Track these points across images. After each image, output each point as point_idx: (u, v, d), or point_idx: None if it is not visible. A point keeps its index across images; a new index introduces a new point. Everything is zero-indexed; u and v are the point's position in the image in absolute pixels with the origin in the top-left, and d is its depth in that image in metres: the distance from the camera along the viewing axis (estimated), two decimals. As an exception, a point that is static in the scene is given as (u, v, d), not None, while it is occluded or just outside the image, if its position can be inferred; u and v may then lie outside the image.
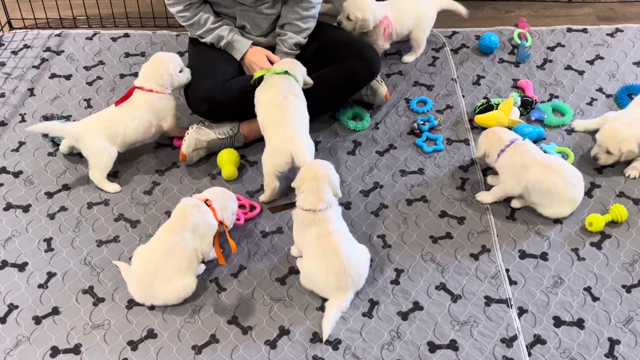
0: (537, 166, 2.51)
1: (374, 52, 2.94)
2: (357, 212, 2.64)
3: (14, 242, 2.53)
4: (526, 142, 2.58)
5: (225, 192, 2.45)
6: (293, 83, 2.69)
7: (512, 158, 2.54)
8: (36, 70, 3.26)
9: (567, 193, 2.53)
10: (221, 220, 2.38)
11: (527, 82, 3.14)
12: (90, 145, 2.65)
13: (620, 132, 2.69)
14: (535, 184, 2.52)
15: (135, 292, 2.31)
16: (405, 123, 3.00)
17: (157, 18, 3.56)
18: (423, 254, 2.49)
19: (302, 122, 2.64)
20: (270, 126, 2.62)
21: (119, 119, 2.68)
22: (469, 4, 3.66)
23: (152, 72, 2.72)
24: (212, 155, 2.82)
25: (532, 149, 2.56)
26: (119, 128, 2.67)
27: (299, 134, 2.58)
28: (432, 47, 3.38)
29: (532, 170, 2.51)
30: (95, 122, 2.70)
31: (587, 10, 3.67)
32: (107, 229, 2.58)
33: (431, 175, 2.77)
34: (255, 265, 2.45)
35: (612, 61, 3.28)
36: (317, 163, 2.39)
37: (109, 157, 2.66)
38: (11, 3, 3.58)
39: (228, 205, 2.42)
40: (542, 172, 2.50)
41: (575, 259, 2.46)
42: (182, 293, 2.30)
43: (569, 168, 2.56)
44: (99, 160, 2.66)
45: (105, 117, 2.70)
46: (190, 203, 2.34)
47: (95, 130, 2.66)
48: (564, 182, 2.52)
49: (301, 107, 2.67)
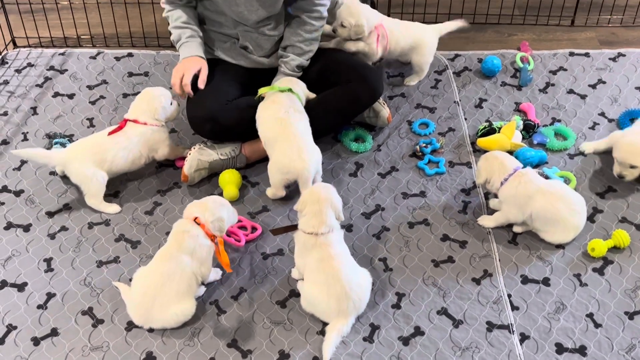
0: (542, 195, 2.50)
1: (377, 75, 2.94)
2: (358, 234, 2.63)
3: (14, 261, 2.52)
4: (528, 171, 2.56)
5: (215, 201, 2.42)
6: (295, 99, 2.72)
7: (517, 189, 2.52)
8: (39, 89, 3.27)
9: (572, 220, 2.52)
10: (212, 235, 2.35)
11: (530, 105, 3.14)
12: (78, 173, 2.64)
13: (639, 144, 2.69)
14: (540, 212, 2.51)
15: (134, 315, 2.30)
16: (408, 145, 3.00)
17: (160, 38, 3.58)
18: (424, 277, 2.48)
19: (305, 133, 2.67)
20: (273, 139, 2.66)
21: (108, 146, 2.66)
22: (471, 27, 3.67)
23: (146, 107, 2.73)
24: (213, 175, 2.82)
25: (535, 177, 2.54)
26: (108, 155, 2.65)
27: (304, 147, 2.62)
28: (434, 70, 3.38)
29: (536, 200, 2.50)
30: (82, 148, 2.68)
31: (589, 34, 3.68)
32: (107, 249, 2.57)
33: (433, 198, 2.77)
34: (255, 288, 2.44)
35: (615, 85, 3.29)
36: (320, 186, 2.39)
37: (98, 182, 2.65)
38: (15, 21, 3.59)
39: (219, 213, 2.37)
40: (547, 201, 2.49)
41: (578, 284, 2.45)
42: (181, 317, 2.28)
43: (572, 195, 2.55)
44: (89, 186, 2.65)
45: (94, 143, 2.69)
46: (180, 229, 2.32)
47: (82, 157, 2.65)
48: (569, 210, 2.51)
49: (303, 121, 2.70)
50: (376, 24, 3.07)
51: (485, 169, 2.59)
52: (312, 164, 2.62)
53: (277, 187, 2.71)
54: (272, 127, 2.67)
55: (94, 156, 2.65)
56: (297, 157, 2.60)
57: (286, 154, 2.61)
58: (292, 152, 2.60)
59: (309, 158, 2.61)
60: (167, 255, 2.30)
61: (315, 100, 2.84)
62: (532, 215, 2.52)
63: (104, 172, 2.66)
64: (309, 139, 2.68)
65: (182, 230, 2.32)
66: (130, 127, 2.71)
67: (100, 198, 2.68)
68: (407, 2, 3.70)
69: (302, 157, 2.60)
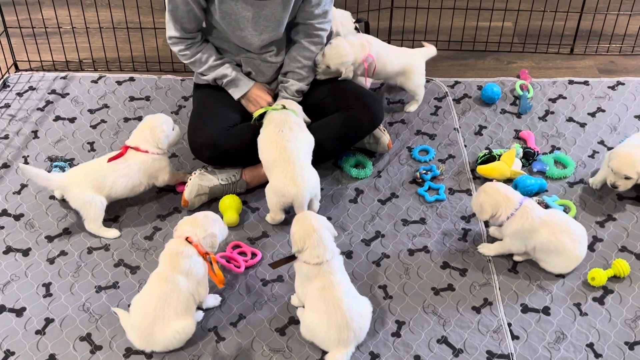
0: (545, 227, 2.49)
1: (377, 101, 2.96)
2: (358, 261, 2.63)
3: (13, 286, 2.51)
4: (532, 203, 2.55)
5: (207, 216, 2.42)
6: (289, 115, 2.74)
7: (524, 224, 2.50)
8: (40, 113, 3.28)
9: (574, 252, 2.52)
10: (204, 253, 2.34)
11: (529, 133, 3.15)
12: (77, 198, 2.64)
13: (634, 155, 2.71)
14: (544, 245, 2.50)
15: (135, 339, 2.28)
16: (408, 172, 3.00)
17: (162, 63, 3.60)
18: (424, 305, 2.47)
19: (301, 155, 2.68)
20: (271, 162, 2.68)
21: (108, 172, 2.66)
22: (471, 54, 3.72)
23: (148, 136, 2.73)
24: (214, 201, 2.82)
25: (538, 209, 2.54)
26: (107, 181, 2.66)
27: (299, 172, 2.62)
28: (434, 97, 3.40)
29: (540, 232, 2.50)
30: (82, 173, 2.68)
31: (588, 62, 3.71)
32: (106, 274, 2.56)
33: (433, 226, 2.77)
34: (255, 315, 2.43)
35: (614, 114, 3.31)
36: (306, 217, 2.37)
37: (97, 207, 2.65)
38: (18, 45, 3.61)
39: (211, 228, 2.37)
40: (551, 233, 2.49)
41: (578, 314, 2.44)
42: (182, 335, 2.27)
43: (574, 225, 2.55)
44: (88, 212, 2.65)
45: (94, 169, 2.69)
46: (174, 250, 2.32)
47: (81, 182, 2.65)
48: (572, 241, 2.51)
49: (298, 138, 2.71)
50: (363, 57, 3.00)
51: (490, 204, 2.54)
52: (306, 190, 2.63)
53: (274, 211, 2.71)
54: (269, 149, 2.69)
55: (93, 182, 2.65)
56: (291, 182, 2.61)
57: (280, 179, 2.63)
58: (286, 177, 2.62)
59: (303, 184, 2.62)
60: (162, 277, 2.29)
61: (316, 126, 2.85)
62: (535, 247, 2.52)
63: (103, 197, 2.66)
64: (305, 162, 2.69)
65: (176, 252, 2.31)
66: (131, 155, 2.71)
67: (99, 223, 2.67)
68: (407, 29, 3.73)
69: (296, 182, 2.61)
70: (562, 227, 2.51)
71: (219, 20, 2.78)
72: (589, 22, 3.80)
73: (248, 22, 2.76)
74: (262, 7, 2.74)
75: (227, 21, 2.77)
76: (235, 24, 2.78)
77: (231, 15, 2.75)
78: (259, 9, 2.74)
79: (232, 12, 2.74)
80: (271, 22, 2.78)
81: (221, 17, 2.76)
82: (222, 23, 2.79)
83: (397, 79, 3.21)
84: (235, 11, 2.74)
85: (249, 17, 2.75)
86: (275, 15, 2.77)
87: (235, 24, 2.78)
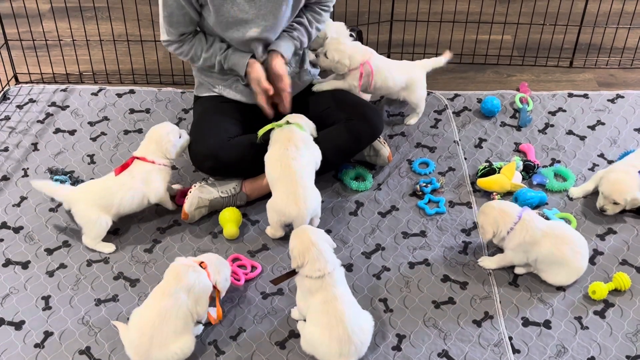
0: (547, 239, 2.50)
1: (377, 114, 2.97)
2: (359, 274, 2.62)
3: (12, 299, 2.50)
4: (531, 215, 2.54)
5: (219, 259, 2.44)
6: (294, 132, 2.73)
7: (525, 237, 2.50)
8: (40, 125, 3.28)
9: (576, 263, 2.52)
10: (214, 283, 2.36)
11: (529, 146, 3.16)
12: (84, 215, 2.64)
13: (625, 182, 2.76)
14: (546, 256, 2.51)
15: (133, 355, 2.27)
16: (408, 184, 3.00)
17: (162, 75, 3.60)
18: (425, 319, 2.46)
19: (304, 174, 2.67)
20: (275, 179, 2.68)
21: (115, 189, 2.65)
22: (471, 67, 3.72)
23: (155, 147, 2.73)
24: (214, 213, 2.82)
25: (538, 220, 2.54)
26: (115, 199, 2.65)
27: (301, 192, 2.61)
28: (434, 110, 3.41)
29: (542, 244, 2.50)
30: (91, 191, 2.67)
31: (588, 75, 3.72)
32: (106, 287, 2.55)
33: (433, 238, 2.76)
34: (254, 328, 2.42)
35: (613, 127, 3.31)
36: (304, 232, 2.35)
37: (101, 227, 2.64)
38: (18, 57, 3.62)
39: (221, 270, 2.40)
40: (552, 244, 2.49)
41: (579, 327, 2.44)
42: (181, 355, 2.26)
43: (576, 236, 2.55)
44: (91, 229, 2.65)
45: (102, 187, 2.67)
46: (185, 263, 2.33)
47: (89, 199, 2.64)
48: (573, 252, 2.51)
49: (304, 156, 2.70)
50: (361, 62, 3.05)
51: (489, 223, 2.54)
52: (307, 211, 2.62)
53: (274, 227, 2.71)
54: (273, 167, 2.69)
55: (100, 200, 2.64)
56: (293, 202, 2.61)
57: (282, 199, 2.63)
58: (287, 197, 2.61)
59: (305, 205, 2.61)
60: (164, 292, 2.28)
61: (316, 138, 2.85)
62: (537, 259, 2.52)
63: (109, 217, 2.65)
64: (308, 182, 2.68)
65: (187, 265, 2.31)
66: (135, 166, 2.70)
67: (97, 240, 2.67)
68: (407, 42, 3.74)
69: (298, 203, 2.60)
70: (564, 239, 2.51)
71: (214, 23, 2.77)
72: (588, 35, 3.81)
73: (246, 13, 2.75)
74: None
75: (222, 16, 2.75)
76: (230, 18, 2.76)
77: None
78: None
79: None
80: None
81: (215, 12, 2.74)
82: (217, 26, 2.78)
83: (400, 93, 3.22)
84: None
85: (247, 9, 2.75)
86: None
87: (231, 19, 2.76)
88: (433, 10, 3.75)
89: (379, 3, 3.71)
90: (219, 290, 2.39)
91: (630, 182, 2.78)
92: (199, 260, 2.36)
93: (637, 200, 2.77)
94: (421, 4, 3.82)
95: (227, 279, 2.44)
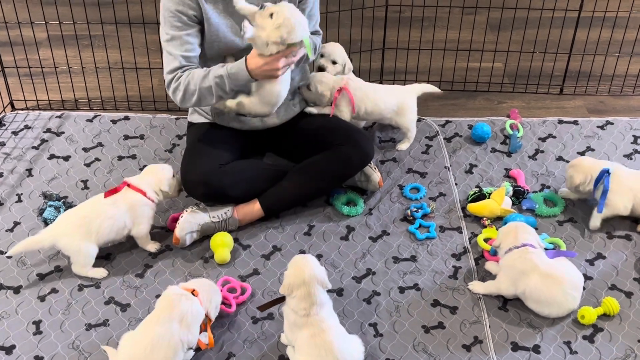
0: (538, 275, 2.49)
1: (368, 140, 3.00)
2: (349, 298, 2.63)
3: (3, 324, 2.51)
4: (536, 251, 2.55)
5: (211, 285, 2.45)
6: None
7: (515, 261, 2.52)
8: (35, 151, 3.31)
9: (566, 304, 2.52)
10: (206, 311, 2.37)
11: (519, 172, 3.18)
12: (69, 247, 2.64)
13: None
14: (533, 292, 2.50)
15: (122, 381, 2.27)
16: (399, 209, 3.02)
17: (157, 102, 3.64)
18: (415, 344, 2.47)
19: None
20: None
21: (93, 217, 2.65)
22: (462, 94, 3.76)
23: (151, 179, 2.76)
24: (205, 238, 2.83)
25: (538, 257, 2.53)
26: (93, 226, 2.64)
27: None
28: (425, 135, 3.44)
29: (531, 278, 2.49)
30: (68, 223, 2.66)
31: (577, 102, 3.76)
32: (97, 312, 2.56)
33: (424, 263, 2.78)
34: (244, 353, 2.43)
35: (603, 153, 3.34)
36: (301, 263, 2.32)
37: (87, 255, 2.65)
38: (14, 85, 3.66)
39: (213, 298, 2.41)
40: (542, 282, 2.49)
41: (568, 352, 2.44)
42: None
43: (574, 278, 2.54)
44: (79, 258, 2.66)
45: (80, 216, 2.67)
46: (178, 292, 2.34)
47: (69, 232, 2.63)
48: (564, 294, 2.50)
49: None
50: (338, 86, 3.09)
51: (502, 233, 2.66)
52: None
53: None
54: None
55: (79, 228, 2.63)
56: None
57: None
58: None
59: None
60: (157, 320, 2.28)
61: (307, 163, 2.89)
62: (525, 292, 2.52)
63: (94, 244, 2.65)
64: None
65: (180, 293, 2.32)
66: (122, 194, 2.70)
67: (88, 267, 2.68)
68: (399, 70, 3.79)
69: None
70: (557, 280, 2.49)
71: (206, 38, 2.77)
72: (578, 62, 3.86)
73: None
74: None
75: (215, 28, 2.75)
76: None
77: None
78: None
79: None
80: None
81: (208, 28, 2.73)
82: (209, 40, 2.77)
83: (392, 117, 3.25)
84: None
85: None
86: None
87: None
88: (425, 39, 3.80)
89: (371, 31, 3.76)
90: (210, 318, 2.40)
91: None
92: (191, 288, 2.37)
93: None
94: (413, 33, 3.87)
95: (218, 306, 2.45)
